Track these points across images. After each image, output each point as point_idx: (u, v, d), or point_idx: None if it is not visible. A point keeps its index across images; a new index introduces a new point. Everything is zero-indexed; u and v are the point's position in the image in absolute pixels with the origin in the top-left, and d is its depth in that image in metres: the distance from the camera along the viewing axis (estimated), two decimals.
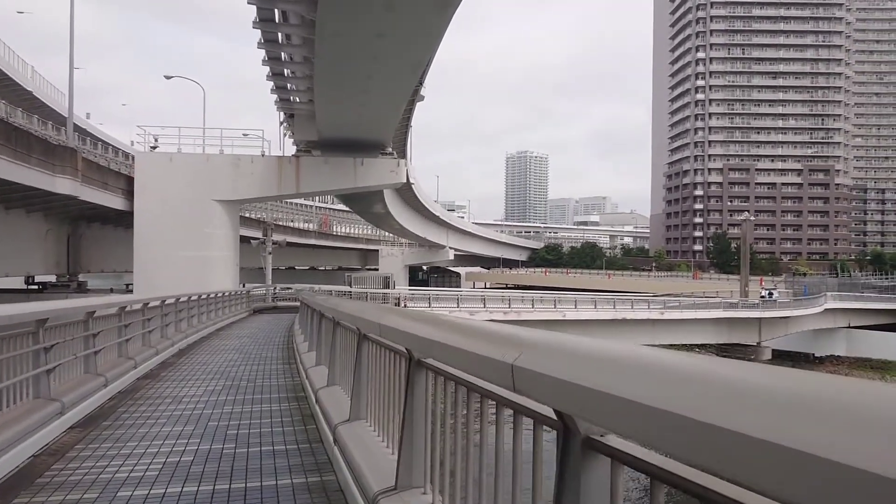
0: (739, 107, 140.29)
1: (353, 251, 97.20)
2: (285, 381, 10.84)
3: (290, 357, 14.18)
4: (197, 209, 33.19)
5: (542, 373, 1.87)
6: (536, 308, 42.63)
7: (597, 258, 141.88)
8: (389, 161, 35.27)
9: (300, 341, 14.44)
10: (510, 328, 2.52)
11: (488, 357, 2.26)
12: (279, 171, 34.24)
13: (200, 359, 13.87)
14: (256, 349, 15.91)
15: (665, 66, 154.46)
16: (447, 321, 3.43)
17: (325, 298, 11.50)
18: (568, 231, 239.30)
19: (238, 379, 11.02)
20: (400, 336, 3.85)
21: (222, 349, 15.89)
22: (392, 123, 31.44)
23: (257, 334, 20.59)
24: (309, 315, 12.40)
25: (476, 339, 2.56)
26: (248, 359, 13.90)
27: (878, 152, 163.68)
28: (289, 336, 19.59)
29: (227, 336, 19.93)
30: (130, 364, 10.71)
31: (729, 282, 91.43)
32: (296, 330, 17.96)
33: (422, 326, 3.42)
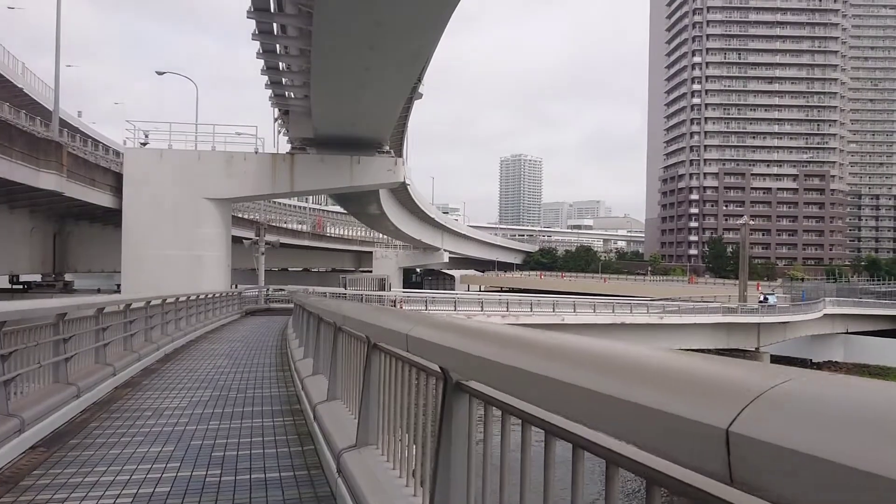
0: (735, 111, 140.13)
1: (346, 253, 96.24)
2: (279, 391, 9.86)
3: (283, 363, 13.23)
4: (187, 207, 32.12)
5: None
6: (535, 312, 42.03)
7: (591, 262, 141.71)
8: (387, 160, 34.21)
9: (294, 346, 13.51)
10: None
11: None
12: (273, 169, 33.16)
13: (187, 365, 12.88)
14: (248, 354, 14.93)
15: (661, 70, 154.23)
16: (502, 333, 2.52)
17: (325, 301, 10.65)
18: (562, 235, 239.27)
19: (227, 388, 10.03)
20: (433, 351, 2.98)
21: (211, 354, 14.90)
22: (390, 120, 30.47)
23: (249, 338, 19.59)
24: (304, 319, 11.45)
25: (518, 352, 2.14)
26: (239, 365, 12.92)
27: (873, 158, 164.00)
28: (282, 340, 18.62)
29: (218, 339, 18.92)
30: (108, 371, 9.73)
31: (725, 286, 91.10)
32: (289, 334, 16.98)
33: (469, 341, 2.53)
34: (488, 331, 2.60)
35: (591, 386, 1.53)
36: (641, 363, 1.57)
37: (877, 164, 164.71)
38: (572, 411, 1.69)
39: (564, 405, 1.71)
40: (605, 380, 1.52)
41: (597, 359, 1.71)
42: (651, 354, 1.63)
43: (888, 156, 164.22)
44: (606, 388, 1.47)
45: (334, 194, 51.86)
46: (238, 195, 34.04)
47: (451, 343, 2.66)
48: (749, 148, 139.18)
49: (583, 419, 1.65)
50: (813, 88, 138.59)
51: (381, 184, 35.63)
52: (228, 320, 26.44)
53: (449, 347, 2.67)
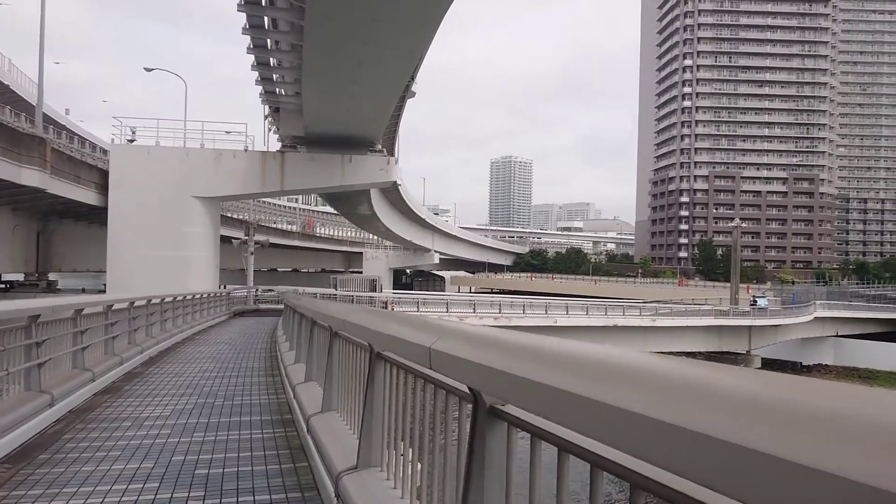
0: (726, 114, 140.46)
1: (336, 253, 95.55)
2: (268, 398, 9.29)
3: (273, 367, 12.67)
4: (175, 206, 31.42)
5: None
6: (527, 314, 41.79)
7: (581, 264, 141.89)
8: (379, 159, 33.60)
9: (284, 350, 12.97)
10: None
11: None
12: (263, 168, 32.49)
13: (172, 369, 12.28)
14: (235, 357, 14.34)
15: (652, 72, 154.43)
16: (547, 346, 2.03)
17: (318, 302, 10.06)
18: (551, 236, 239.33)
19: (213, 395, 9.46)
20: (462, 368, 2.45)
21: (197, 357, 14.30)
22: (383, 118, 29.92)
23: (237, 340, 18.98)
24: (296, 321, 10.89)
25: None
26: (226, 369, 12.33)
27: (861, 162, 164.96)
28: (271, 342, 18.05)
29: (204, 341, 18.30)
30: (87, 377, 9.14)
31: (715, 289, 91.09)
32: (279, 336, 16.42)
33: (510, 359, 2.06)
34: (533, 345, 2.13)
35: (662, 417, 1.23)
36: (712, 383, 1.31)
37: (864, 169, 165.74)
38: (632, 446, 1.39)
39: (626, 439, 1.40)
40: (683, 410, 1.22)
41: (671, 380, 1.40)
42: (721, 374, 1.37)
43: (875, 160, 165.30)
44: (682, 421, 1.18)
45: (325, 194, 51.21)
46: (227, 194, 33.33)
47: (487, 360, 2.18)
48: (739, 151, 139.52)
49: (646, 456, 1.34)
50: (802, 92, 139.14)
51: (373, 183, 35.01)
52: (216, 321, 25.80)
53: (484, 366, 2.18)
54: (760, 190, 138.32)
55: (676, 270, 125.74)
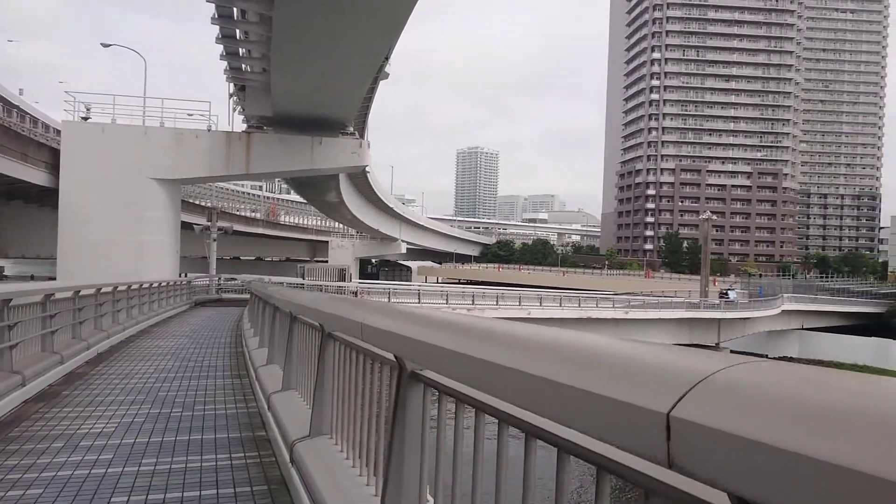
0: (693, 108, 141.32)
1: (301, 242, 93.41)
2: (236, 407, 7.78)
3: (240, 366, 11.18)
4: (132, 188, 29.37)
5: None
6: (500, 305, 41.11)
7: (548, 255, 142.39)
8: (351, 142, 31.85)
9: (253, 346, 11.53)
10: None
11: None
12: (227, 149, 30.54)
13: (122, 368, 10.68)
14: (197, 354, 12.77)
15: (620, 65, 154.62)
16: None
17: (282, 290, 8.87)
18: (517, 228, 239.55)
19: (170, 403, 7.93)
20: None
21: (153, 353, 12.69)
22: (356, 98, 28.29)
23: (199, 332, 17.34)
24: (268, 315, 9.50)
25: None
26: (186, 368, 10.78)
27: (822, 158, 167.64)
28: (237, 335, 16.51)
29: (162, 334, 16.65)
30: (14, 381, 7.57)
31: (681, 281, 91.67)
32: (245, 329, 14.89)
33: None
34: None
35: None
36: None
37: (825, 164, 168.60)
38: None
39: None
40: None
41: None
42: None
43: (836, 156, 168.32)
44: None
45: (292, 179, 49.25)
46: (188, 176, 31.22)
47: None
48: (705, 144, 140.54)
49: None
50: (768, 88, 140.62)
51: (344, 167, 33.16)
52: (175, 312, 24.06)
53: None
54: (725, 184, 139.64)
55: (642, 262, 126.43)
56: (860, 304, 73.07)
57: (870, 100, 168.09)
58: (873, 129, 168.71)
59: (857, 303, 73.23)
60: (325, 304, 4.63)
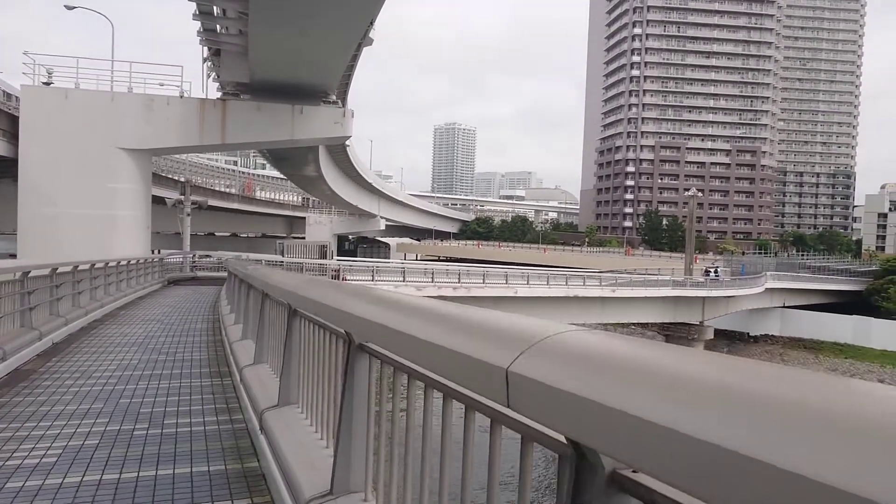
0: (673, 85, 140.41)
1: (278, 218, 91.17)
2: (218, 419, 6.21)
3: (219, 358, 9.65)
4: (98, 158, 27.33)
5: None
6: (487, 283, 39.83)
7: (527, 232, 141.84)
8: (334, 111, 29.94)
9: (229, 322, 10.12)
10: None
11: None
12: (201, 117, 28.52)
13: (80, 363, 9.03)
14: (169, 343, 11.15)
15: (601, 41, 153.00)
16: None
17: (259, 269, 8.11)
18: (494, 204, 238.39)
19: (134, 416, 6.26)
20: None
21: (118, 343, 11.01)
22: (339, 63, 26.45)
23: (171, 316, 15.70)
24: (243, 292, 8.59)
25: None
26: (157, 364, 9.10)
27: (798, 136, 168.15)
28: (214, 319, 14.95)
29: (130, 319, 14.98)
30: None
31: (661, 259, 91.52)
32: (224, 313, 13.33)
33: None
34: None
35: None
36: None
37: (801, 143, 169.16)
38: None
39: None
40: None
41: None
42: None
43: (812, 135, 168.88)
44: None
45: (269, 152, 47.17)
46: (159, 146, 29.06)
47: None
48: (685, 122, 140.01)
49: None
50: (748, 65, 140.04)
51: (327, 138, 31.24)
52: (147, 291, 22.36)
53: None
54: (704, 161, 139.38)
55: (622, 240, 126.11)
56: (840, 281, 73.06)
57: (846, 79, 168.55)
58: (849, 108, 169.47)
59: (837, 280, 73.20)
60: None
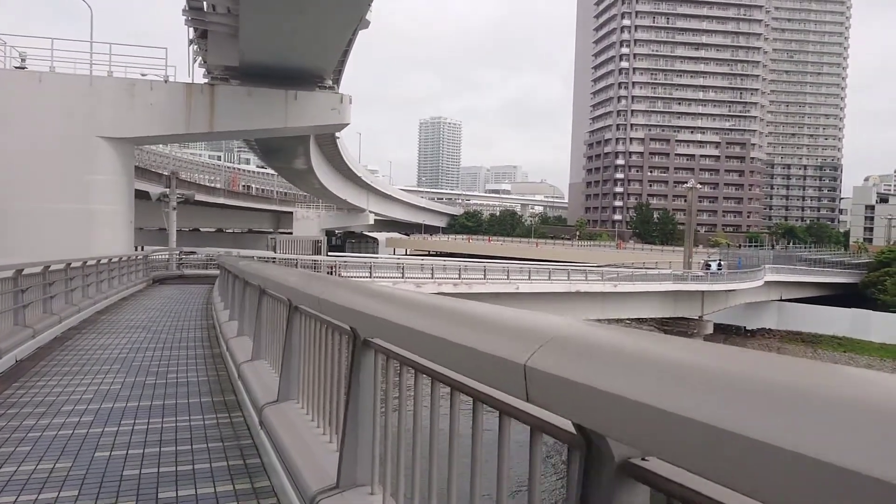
0: (662, 77, 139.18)
1: (265, 213, 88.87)
2: (230, 476, 4.58)
3: (219, 372, 7.88)
4: (76, 148, 25.29)
5: None
6: (489, 280, 38.46)
7: (516, 226, 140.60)
8: (330, 96, 27.92)
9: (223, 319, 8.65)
10: None
11: None
12: (188, 103, 26.47)
13: (47, 391, 7.17)
14: (159, 357, 9.27)
15: (589, 32, 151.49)
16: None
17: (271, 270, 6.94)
18: (480, 199, 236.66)
19: (114, 483, 4.53)
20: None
21: (97, 359, 9.08)
22: (338, 43, 24.58)
23: (159, 322, 13.81)
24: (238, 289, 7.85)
25: None
26: (143, 388, 7.25)
27: (786, 129, 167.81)
28: (208, 324, 13.15)
29: (112, 327, 13.06)
30: None
31: (653, 252, 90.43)
32: (218, 315, 11.53)
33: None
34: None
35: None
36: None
37: (789, 135, 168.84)
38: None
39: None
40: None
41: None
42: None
43: (799, 127, 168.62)
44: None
45: (258, 144, 45.08)
46: (142, 134, 26.88)
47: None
48: (674, 114, 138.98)
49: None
50: (737, 57, 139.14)
51: (323, 125, 29.09)
52: (130, 292, 20.47)
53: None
54: (694, 154, 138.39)
55: (612, 233, 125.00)
56: (835, 274, 72.26)
57: (833, 70, 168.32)
58: (836, 101, 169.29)
59: (833, 273, 72.39)
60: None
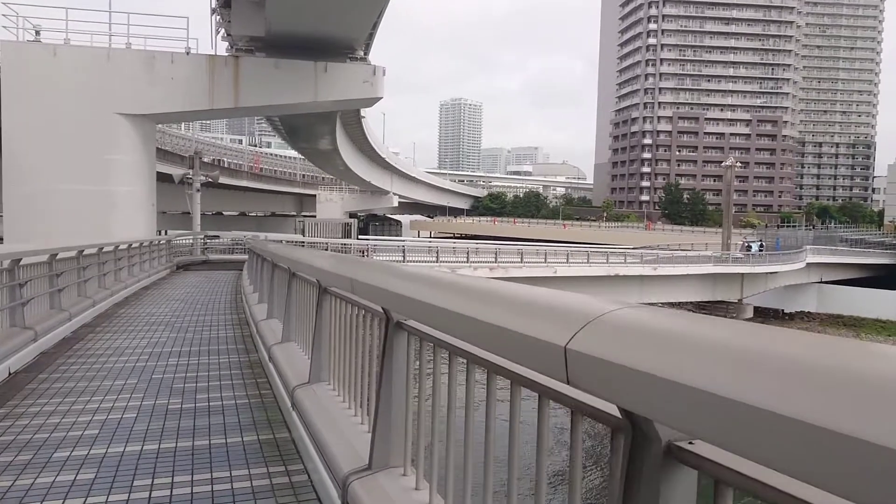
0: (691, 53, 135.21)
1: (287, 196, 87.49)
2: None
3: (260, 397, 6.16)
4: (94, 126, 23.68)
5: None
6: (525, 263, 36.95)
7: (541, 208, 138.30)
8: (363, 68, 25.91)
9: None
10: None
11: None
12: (211, 77, 24.69)
13: (39, 421, 5.56)
14: (185, 374, 7.61)
15: (615, 9, 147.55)
16: None
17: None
18: (502, 180, 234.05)
19: None
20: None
21: (109, 370, 7.45)
22: (373, 8, 22.66)
23: (184, 318, 12.03)
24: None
25: None
26: (164, 426, 5.58)
27: (817, 106, 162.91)
28: (240, 318, 11.44)
29: (129, 323, 11.27)
30: None
31: (683, 233, 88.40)
32: (251, 308, 9.79)
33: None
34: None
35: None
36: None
37: (821, 112, 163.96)
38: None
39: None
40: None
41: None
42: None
43: (832, 104, 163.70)
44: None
45: (283, 124, 43.28)
46: (163, 110, 24.97)
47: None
48: (703, 91, 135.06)
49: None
50: (769, 31, 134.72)
51: (355, 100, 26.94)
52: (151, 280, 18.86)
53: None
54: (724, 132, 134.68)
55: (640, 214, 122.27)
56: (877, 255, 69.46)
57: (867, 45, 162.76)
58: (870, 76, 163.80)
59: (874, 254, 69.64)
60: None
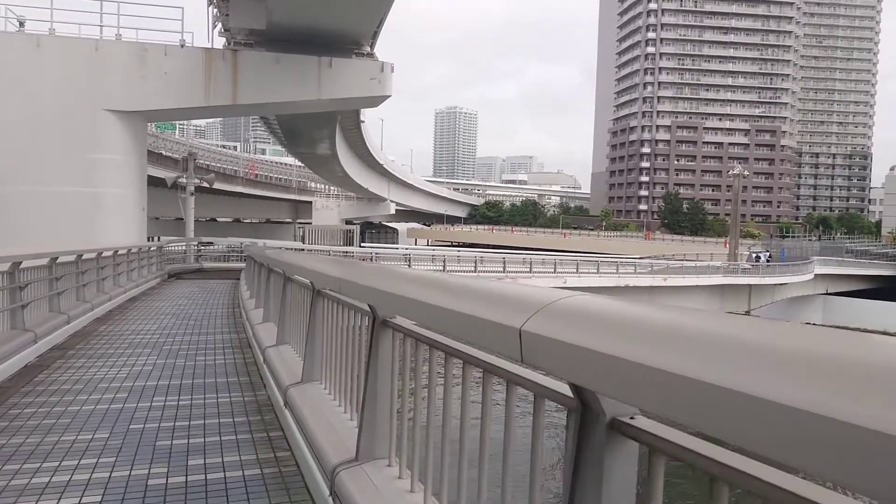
0: (690, 62, 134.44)
1: (283, 202, 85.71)
2: None
3: (277, 464, 4.53)
4: (80, 122, 21.97)
5: None
6: (534, 273, 35.87)
7: (539, 216, 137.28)
8: (369, 64, 24.23)
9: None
10: None
11: None
12: (207, 72, 23.02)
13: None
14: (174, 422, 5.96)
15: (613, 17, 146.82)
16: None
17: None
18: (497, 189, 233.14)
19: None
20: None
21: (73, 415, 5.73)
22: (379, 3, 21.09)
23: (174, 336, 10.34)
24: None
25: None
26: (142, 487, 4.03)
27: (814, 116, 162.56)
28: (240, 339, 9.79)
29: (111, 343, 9.59)
30: None
31: (683, 243, 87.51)
32: (242, 292, 8.15)
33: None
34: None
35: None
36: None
37: (818, 123, 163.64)
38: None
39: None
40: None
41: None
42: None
43: (829, 114, 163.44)
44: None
45: (281, 126, 41.63)
46: (155, 107, 23.12)
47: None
48: (702, 101, 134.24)
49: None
50: (767, 41, 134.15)
51: (362, 98, 25.11)
52: (140, 290, 17.14)
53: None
54: (722, 141, 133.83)
55: (639, 224, 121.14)
56: (881, 266, 68.53)
57: (863, 56, 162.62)
58: (866, 87, 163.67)
59: (879, 265, 68.73)
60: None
